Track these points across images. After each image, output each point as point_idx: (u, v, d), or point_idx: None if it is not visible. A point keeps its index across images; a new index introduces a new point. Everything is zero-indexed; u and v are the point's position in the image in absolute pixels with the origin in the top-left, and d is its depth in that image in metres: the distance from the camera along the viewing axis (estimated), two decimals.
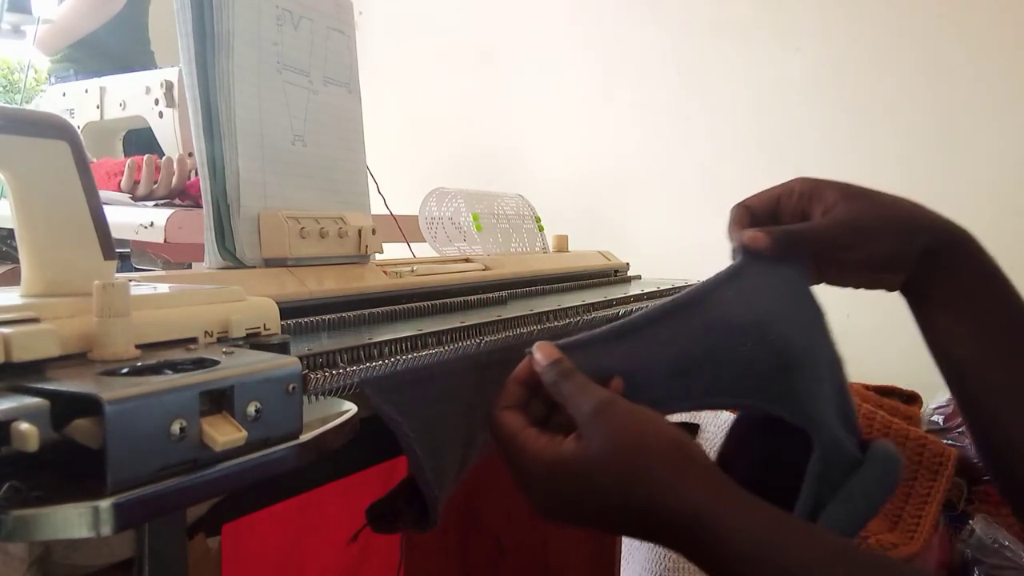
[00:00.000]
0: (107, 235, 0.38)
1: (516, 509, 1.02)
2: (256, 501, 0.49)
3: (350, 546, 0.73)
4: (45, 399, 0.25)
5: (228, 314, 0.36)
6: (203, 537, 0.46)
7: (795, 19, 1.77)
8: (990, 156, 1.54)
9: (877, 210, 0.48)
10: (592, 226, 1.97)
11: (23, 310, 0.30)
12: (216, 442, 0.27)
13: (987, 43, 1.55)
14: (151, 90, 1.11)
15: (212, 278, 0.52)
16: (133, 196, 0.95)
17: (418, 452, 0.46)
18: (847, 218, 0.48)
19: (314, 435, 0.33)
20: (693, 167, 1.92)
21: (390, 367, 0.44)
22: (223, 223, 0.58)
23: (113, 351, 0.30)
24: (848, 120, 1.69)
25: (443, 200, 1.00)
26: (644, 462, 0.39)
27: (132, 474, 0.25)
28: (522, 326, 0.57)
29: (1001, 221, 1.47)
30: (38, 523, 0.24)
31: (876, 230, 0.47)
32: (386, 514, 0.51)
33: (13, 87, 2.40)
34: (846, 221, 0.48)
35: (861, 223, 0.48)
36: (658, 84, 1.97)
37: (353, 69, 0.70)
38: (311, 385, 0.38)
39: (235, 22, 0.57)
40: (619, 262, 1.02)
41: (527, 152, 2.22)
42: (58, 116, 0.36)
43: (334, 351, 0.42)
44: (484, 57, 2.30)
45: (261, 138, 0.59)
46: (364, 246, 0.64)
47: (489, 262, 0.79)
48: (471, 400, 0.52)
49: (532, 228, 1.10)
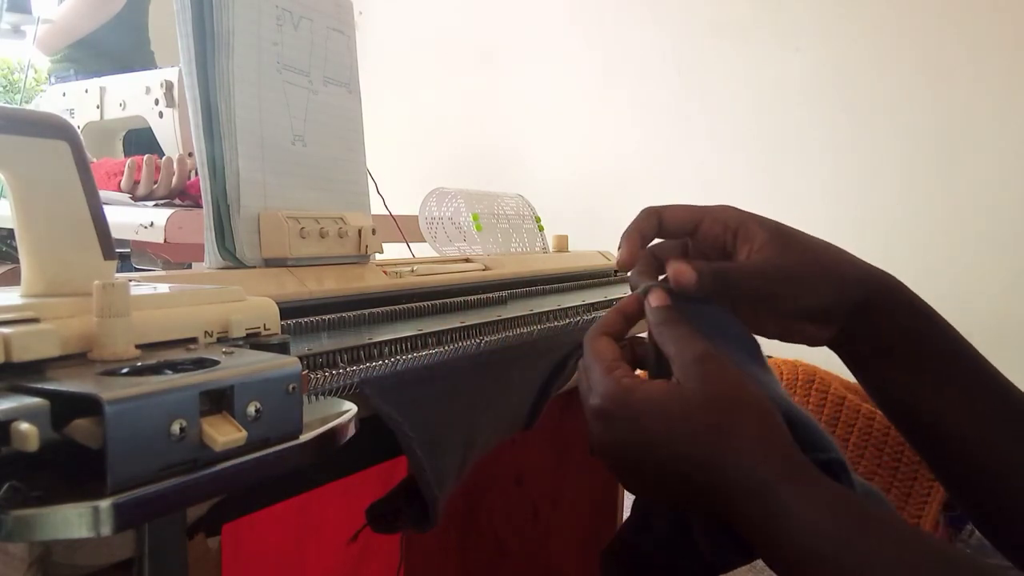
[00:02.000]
0: (107, 235, 0.38)
1: (516, 509, 1.02)
2: (256, 501, 0.49)
3: (350, 546, 0.73)
4: (45, 399, 0.25)
5: (228, 314, 0.36)
6: (203, 537, 0.46)
7: (795, 19, 1.77)
8: (990, 156, 1.54)
9: (809, 260, 0.44)
10: (592, 226, 1.96)
11: (23, 310, 0.30)
12: (216, 442, 0.27)
13: (987, 43, 1.55)
14: (151, 90, 1.11)
15: (212, 278, 0.52)
16: (133, 196, 0.95)
17: (418, 452, 0.46)
18: (779, 264, 0.44)
19: (314, 435, 0.33)
20: (693, 167, 1.92)
21: (390, 367, 0.44)
22: (223, 223, 0.58)
23: (113, 351, 0.30)
24: (848, 120, 1.69)
25: (443, 200, 1.00)
26: (734, 419, 0.37)
27: (132, 474, 0.25)
28: (522, 326, 0.57)
29: (1001, 221, 1.47)
30: (38, 523, 0.24)
31: (808, 281, 0.44)
32: (386, 514, 0.51)
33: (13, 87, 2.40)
34: (779, 267, 0.44)
35: (793, 272, 0.44)
36: (658, 84, 1.97)
37: (353, 69, 0.70)
38: (311, 385, 0.38)
39: (235, 22, 0.57)
40: None
41: (527, 152, 2.23)
42: (58, 116, 0.36)
43: (334, 351, 0.42)
44: (484, 57, 2.31)
45: (261, 138, 0.59)
46: (364, 246, 0.64)
47: (489, 262, 0.79)
48: (471, 400, 0.52)
49: (532, 228, 1.10)
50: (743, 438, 0.37)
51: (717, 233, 0.46)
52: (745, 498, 0.36)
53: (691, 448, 0.37)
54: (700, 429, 0.37)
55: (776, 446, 0.37)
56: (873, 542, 0.34)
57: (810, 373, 1.47)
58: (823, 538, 0.34)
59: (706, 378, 0.38)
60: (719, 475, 0.37)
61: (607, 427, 0.40)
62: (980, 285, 1.49)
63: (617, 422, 0.40)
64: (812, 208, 1.71)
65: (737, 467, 0.36)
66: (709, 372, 0.39)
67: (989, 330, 0.49)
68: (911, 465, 1.36)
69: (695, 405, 0.38)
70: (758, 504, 0.36)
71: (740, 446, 0.37)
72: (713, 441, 0.37)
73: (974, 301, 1.53)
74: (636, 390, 0.39)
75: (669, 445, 0.38)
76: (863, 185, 1.63)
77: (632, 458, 0.40)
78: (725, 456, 0.37)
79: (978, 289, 1.48)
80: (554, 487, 1.03)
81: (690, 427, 0.37)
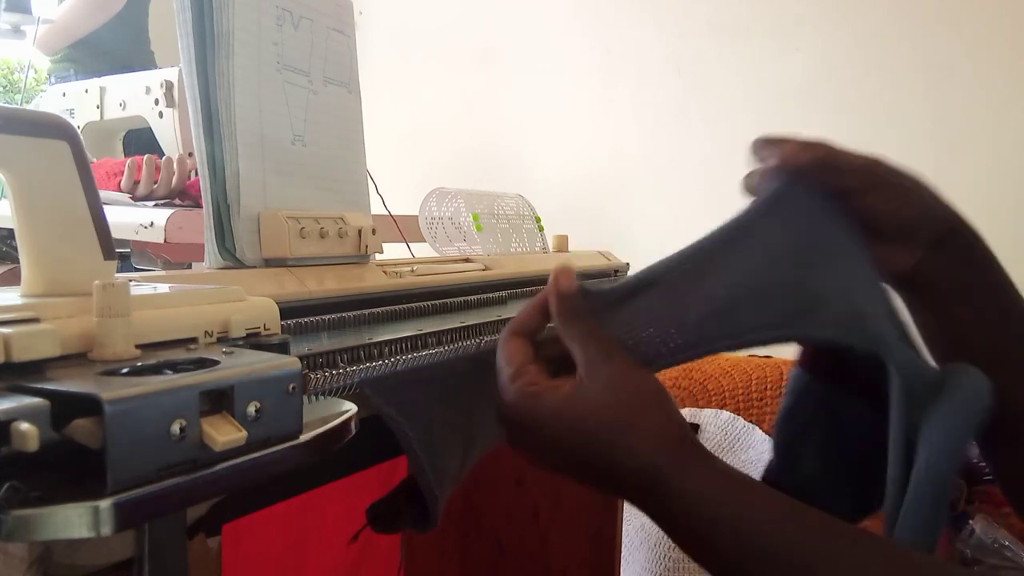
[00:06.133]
0: (107, 235, 0.38)
1: (516, 509, 1.02)
2: (256, 501, 0.49)
3: (350, 546, 0.73)
4: (45, 399, 0.25)
5: (228, 314, 0.36)
6: (203, 537, 0.46)
7: (795, 19, 1.77)
8: (990, 156, 1.54)
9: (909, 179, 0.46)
10: (592, 226, 1.96)
11: (23, 310, 0.30)
12: (216, 442, 0.27)
13: (987, 43, 1.55)
14: (151, 90, 1.11)
15: (212, 278, 0.52)
16: (133, 196, 0.95)
17: (418, 452, 0.46)
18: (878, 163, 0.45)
19: (314, 435, 0.33)
20: (693, 167, 1.92)
21: (390, 367, 0.44)
22: (223, 223, 0.58)
23: (113, 351, 0.30)
24: (848, 120, 1.69)
25: (443, 200, 1.00)
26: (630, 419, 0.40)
27: (132, 474, 0.25)
28: None
29: (1001, 221, 1.47)
30: (38, 523, 0.24)
31: (903, 183, 0.45)
32: (386, 514, 0.51)
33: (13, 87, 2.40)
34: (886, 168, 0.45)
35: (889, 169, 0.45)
36: (658, 84, 1.97)
37: (353, 69, 0.70)
38: (311, 385, 0.38)
39: (235, 22, 0.57)
40: (619, 262, 1.02)
41: (527, 152, 2.23)
42: (58, 116, 0.36)
43: (334, 351, 0.42)
44: (484, 57, 2.30)
45: (261, 138, 0.59)
46: (364, 246, 0.64)
47: (489, 262, 0.79)
48: (471, 400, 0.52)
49: (532, 228, 1.10)
50: (637, 432, 0.40)
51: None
52: (643, 488, 0.40)
53: (590, 450, 0.41)
54: (599, 431, 0.40)
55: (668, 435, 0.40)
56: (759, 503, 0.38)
57: None
58: (715, 504, 0.38)
59: (607, 380, 0.41)
60: (619, 470, 0.40)
61: (513, 431, 0.43)
62: None
63: (523, 430, 0.43)
64: None
65: (633, 459, 0.40)
66: (610, 373, 0.41)
67: None
68: None
69: (592, 409, 0.41)
70: (654, 490, 0.39)
71: (632, 443, 0.40)
72: (610, 440, 0.40)
73: None
74: (539, 398, 0.42)
75: (572, 450, 0.41)
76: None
77: (541, 459, 0.43)
78: (622, 453, 0.40)
79: None
80: (554, 487, 1.03)
81: (588, 430, 0.41)
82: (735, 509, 0.38)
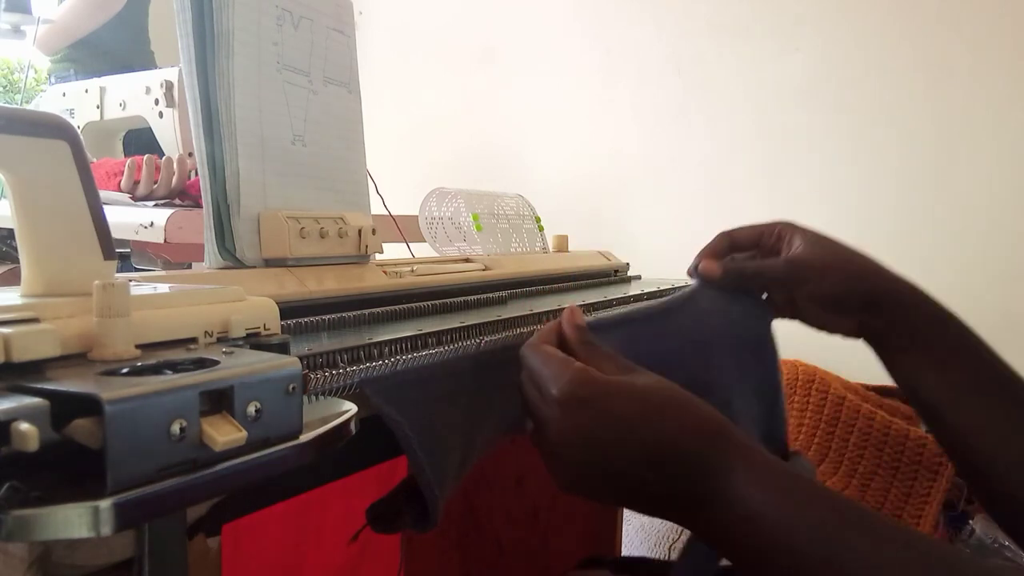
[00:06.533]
0: (107, 235, 0.37)
1: (516, 509, 1.02)
2: (256, 501, 0.49)
3: (350, 546, 0.73)
4: (45, 399, 0.25)
5: (228, 314, 0.36)
6: (203, 537, 0.46)
7: (795, 19, 1.77)
8: (990, 157, 1.54)
9: (827, 255, 0.53)
10: (592, 226, 1.97)
11: (23, 310, 0.30)
12: (216, 442, 0.27)
13: (987, 43, 1.55)
14: (151, 90, 1.11)
15: (212, 278, 0.52)
16: (133, 196, 0.95)
17: (418, 452, 0.46)
18: (798, 258, 0.53)
19: (314, 435, 0.33)
20: (693, 167, 1.92)
21: (390, 367, 0.44)
22: (223, 223, 0.58)
23: (113, 351, 0.30)
24: (848, 120, 1.69)
25: (443, 200, 1.00)
26: (687, 402, 0.42)
27: (132, 474, 0.25)
28: (522, 326, 0.57)
29: (1001, 222, 1.47)
30: (38, 523, 0.24)
31: (820, 272, 0.53)
32: (386, 514, 0.51)
33: (13, 87, 2.40)
34: (796, 260, 0.53)
35: (808, 264, 0.53)
36: (658, 84, 1.97)
37: (353, 69, 0.70)
38: (311, 385, 0.38)
39: (235, 22, 0.57)
40: (619, 262, 1.02)
41: (527, 152, 2.22)
42: (58, 116, 0.36)
43: (334, 351, 0.42)
44: (484, 57, 2.30)
45: (261, 138, 0.59)
46: (364, 246, 0.64)
47: (489, 262, 0.79)
48: (471, 400, 0.52)
49: (532, 228, 1.10)
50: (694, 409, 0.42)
51: (772, 242, 0.56)
52: (692, 477, 0.40)
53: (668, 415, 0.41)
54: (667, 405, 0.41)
55: (713, 418, 0.42)
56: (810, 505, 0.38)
57: (810, 373, 1.46)
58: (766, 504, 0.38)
59: (646, 375, 0.43)
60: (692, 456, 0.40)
61: (578, 411, 0.42)
62: (980, 285, 1.49)
63: (589, 403, 0.41)
64: (812, 208, 1.71)
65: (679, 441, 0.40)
66: (646, 375, 0.44)
67: (989, 330, 0.49)
68: (911, 465, 1.36)
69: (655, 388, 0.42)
70: (710, 475, 0.39)
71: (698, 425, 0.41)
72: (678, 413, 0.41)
73: (974, 301, 1.52)
74: (600, 374, 0.42)
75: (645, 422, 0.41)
76: (863, 185, 1.63)
77: (604, 439, 0.41)
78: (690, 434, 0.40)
79: (978, 289, 1.48)
80: (554, 487, 1.03)
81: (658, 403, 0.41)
82: (786, 513, 0.38)
